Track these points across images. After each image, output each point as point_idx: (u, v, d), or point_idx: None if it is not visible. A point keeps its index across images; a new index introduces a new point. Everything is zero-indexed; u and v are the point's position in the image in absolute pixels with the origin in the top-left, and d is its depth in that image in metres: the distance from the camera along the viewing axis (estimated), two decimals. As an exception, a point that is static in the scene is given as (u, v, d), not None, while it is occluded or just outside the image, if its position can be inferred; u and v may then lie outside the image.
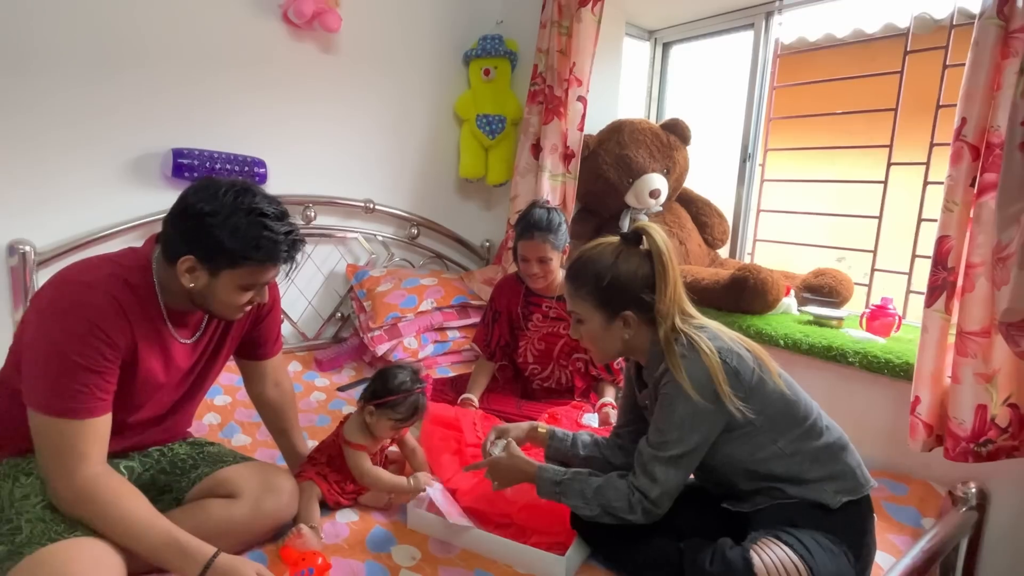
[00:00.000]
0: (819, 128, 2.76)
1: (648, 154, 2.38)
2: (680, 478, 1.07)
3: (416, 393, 1.39)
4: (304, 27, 2.27)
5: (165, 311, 1.14)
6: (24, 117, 1.85)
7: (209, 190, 1.06)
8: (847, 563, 1.00)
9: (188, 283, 1.09)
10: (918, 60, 1.96)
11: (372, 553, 1.22)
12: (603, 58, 2.44)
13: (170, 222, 1.09)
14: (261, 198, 1.09)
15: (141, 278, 1.11)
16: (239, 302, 1.13)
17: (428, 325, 2.38)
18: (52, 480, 1.03)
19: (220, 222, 1.04)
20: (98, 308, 1.03)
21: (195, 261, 1.07)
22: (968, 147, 1.36)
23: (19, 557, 0.97)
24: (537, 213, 1.77)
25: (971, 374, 1.36)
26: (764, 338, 1.85)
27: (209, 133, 2.17)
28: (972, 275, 1.36)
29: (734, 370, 1.05)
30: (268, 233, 1.07)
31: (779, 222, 2.43)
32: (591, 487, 1.11)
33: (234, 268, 1.08)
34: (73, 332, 1.01)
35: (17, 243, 1.84)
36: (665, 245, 1.11)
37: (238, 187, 1.07)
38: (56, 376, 1.01)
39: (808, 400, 1.13)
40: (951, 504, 1.39)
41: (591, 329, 1.17)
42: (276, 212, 1.10)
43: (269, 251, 1.08)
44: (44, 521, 1.02)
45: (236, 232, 1.05)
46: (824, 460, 1.08)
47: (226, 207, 1.05)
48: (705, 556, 0.99)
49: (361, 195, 2.55)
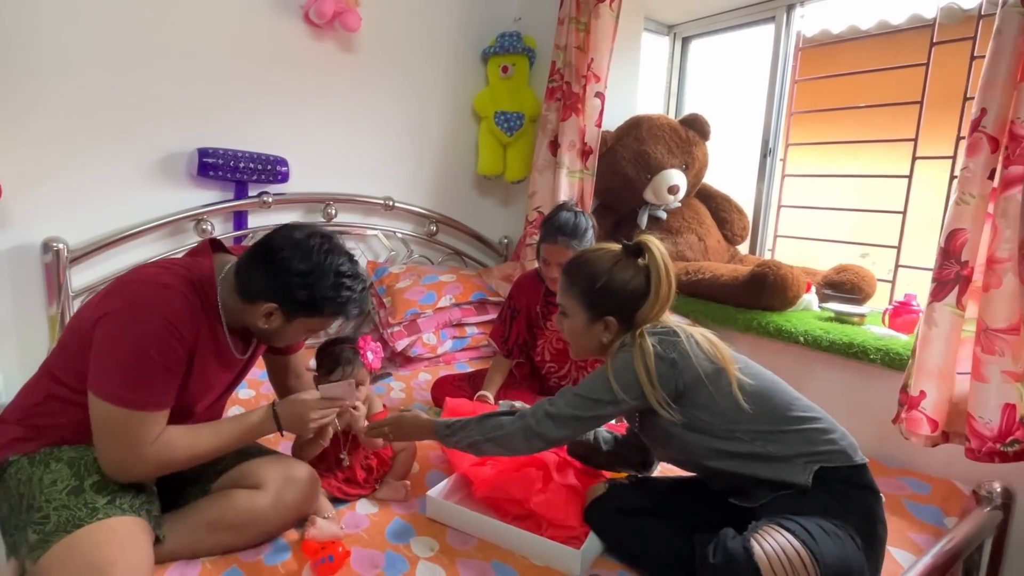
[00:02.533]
0: (842, 122, 2.71)
1: (667, 150, 2.37)
2: (558, 435, 1.17)
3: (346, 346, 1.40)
4: (325, 27, 2.31)
5: (227, 330, 1.21)
6: (56, 118, 1.91)
7: (301, 247, 1.14)
8: (854, 546, 0.99)
9: (263, 324, 1.17)
10: (945, 51, 1.92)
11: (391, 544, 1.24)
12: (621, 53, 2.43)
13: (254, 265, 1.16)
14: (344, 258, 1.18)
15: (209, 292, 1.18)
16: (302, 340, 1.24)
17: (447, 321, 2.41)
18: (117, 464, 1.09)
19: (312, 283, 1.13)
20: (176, 310, 1.10)
21: (276, 308, 1.16)
22: (987, 138, 1.33)
23: (47, 545, 1.01)
24: (563, 217, 1.73)
25: (998, 372, 1.33)
26: (784, 335, 1.83)
27: (233, 132, 2.21)
28: (998, 271, 1.33)
29: (670, 362, 1.11)
30: (348, 293, 1.17)
31: (800, 218, 2.40)
32: (479, 424, 1.23)
33: (310, 317, 1.19)
34: (153, 331, 1.07)
35: (51, 241, 1.90)
36: (662, 263, 1.17)
37: (327, 245, 1.16)
38: (132, 370, 1.06)
39: (778, 390, 1.14)
40: (975, 503, 1.37)
41: (573, 325, 1.24)
42: (354, 272, 1.19)
43: (351, 309, 1.20)
44: (68, 508, 1.05)
45: (323, 291, 1.14)
46: (791, 439, 1.09)
47: (317, 268, 1.13)
48: (709, 549, 1.00)
49: (381, 193, 2.58)
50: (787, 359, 1.86)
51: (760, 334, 1.91)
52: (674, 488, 1.30)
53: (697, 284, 2.13)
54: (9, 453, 1.14)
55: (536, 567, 1.19)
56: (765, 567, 0.92)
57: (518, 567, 1.18)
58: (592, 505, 1.26)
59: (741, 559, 0.94)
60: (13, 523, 1.09)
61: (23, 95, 1.85)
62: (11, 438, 1.14)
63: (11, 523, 1.10)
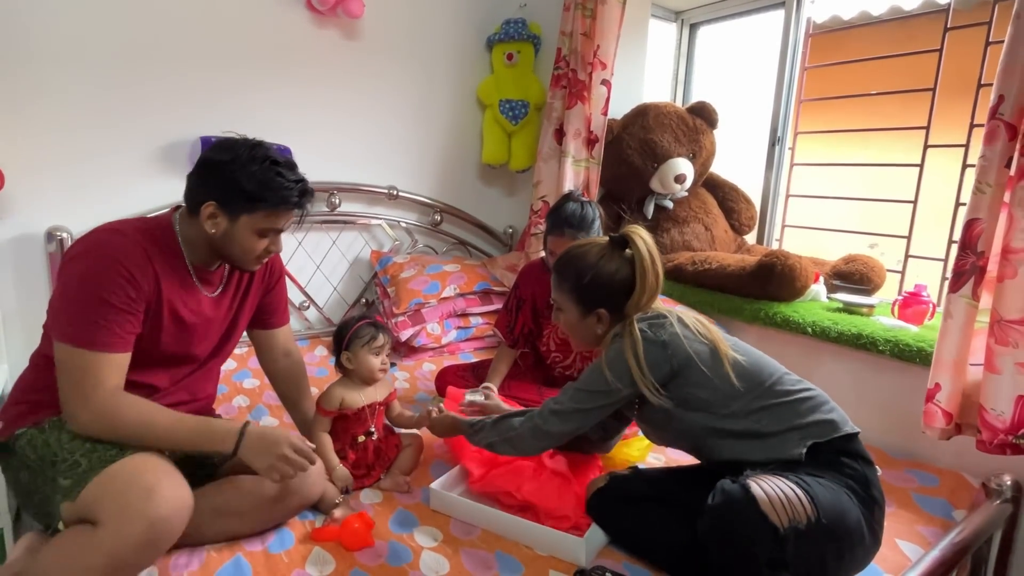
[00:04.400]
0: (852, 110, 2.67)
1: (673, 138, 2.34)
2: (566, 429, 1.20)
3: (366, 320, 1.46)
4: (327, 14, 2.28)
5: (191, 265, 1.22)
6: (59, 107, 1.91)
7: (226, 144, 1.18)
8: (849, 501, 1.00)
9: (210, 229, 1.17)
10: (959, 37, 1.88)
11: (395, 534, 1.24)
12: (628, 40, 2.40)
13: (192, 176, 1.20)
14: (273, 151, 1.19)
15: (166, 234, 1.20)
16: (257, 248, 1.22)
17: (451, 311, 2.40)
18: (70, 407, 1.09)
19: (237, 168, 1.14)
20: (124, 250, 1.11)
21: (216, 207, 1.16)
22: (1005, 126, 1.30)
23: (85, 482, 1.02)
24: (570, 208, 1.70)
25: (1011, 364, 1.31)
26: (791, 325, 1.81)
27: (235, 121, 2.17)
28: (1013, 261, 1.31)
29: (661, 344, 1.13)
30: (280, 179, 1.17)
31: (809, 207, 2.37)
32: (494, 426, 1.28)
33: (251, 212, 1.17)
34: (99, 269, 1.09)
35: (55, 230, 1.90)
36: (647, 253, 1.18)
37: (252, 141, 1.18)
38: (81, 308, 1.08)
39: (767, 365, 1.16)
40: (985, 496, 1.35)
41: (568, 319, 1.28)
42: (287, 162, 1.20)
43: (282, 195, 1.17)
44: (97, 451, 1.07)
45: (252, 177, 1.14)
46: (784, 415, 1.10)
47: (242, 156, 1.15)
48: (708, 497, 1.00)
49: (385, 182, 2.56)
50: (795, 350, 1.85)
51: (767, 325, 1.89)
52: (675, 476, 1.31)
53: (704, 274, 2.11)
54: (16, 427, 1.15)
55: (540, 557, 1.18)
56: (763, 500, 0.94)
57: (522, 557, 1.18)
58: (594, 497, 1.26)
59: (739, 495, 0.96)
60: (39, 482, 1.10)
61: (26, 84, 1.85)
62: (16, 414, 1.16)
63: (35, 483, 1.11)
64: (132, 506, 0.97)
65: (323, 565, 1.13)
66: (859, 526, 1.00)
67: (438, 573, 1.13)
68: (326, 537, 1.20)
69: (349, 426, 1.43)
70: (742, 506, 0.95)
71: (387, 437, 1.50)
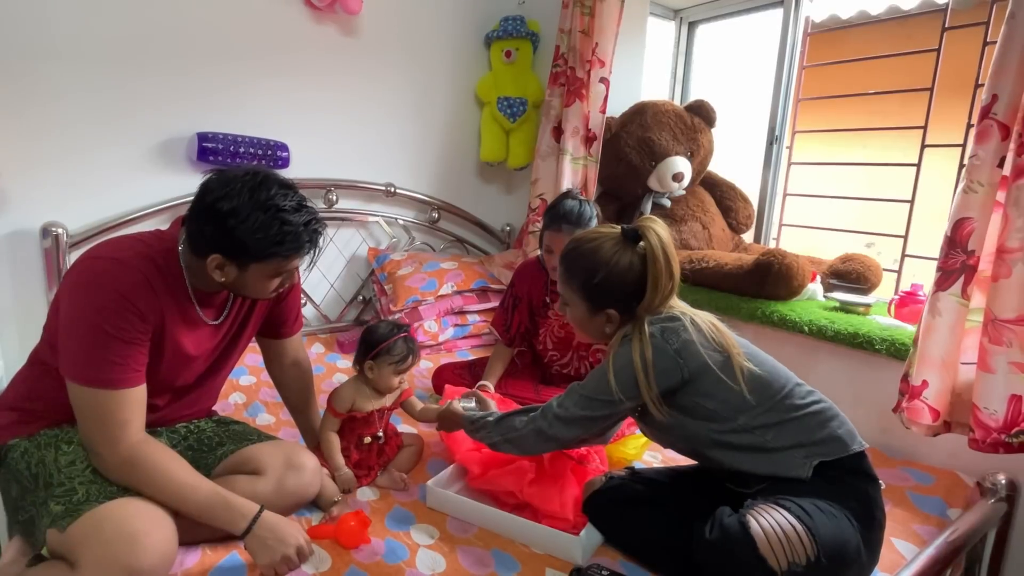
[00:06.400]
0: (850, 109, 2.67)
1: (671, 136, 2.34)
2: (570, 435, 1.18)
3: (403, 335, 1.43)
4: (325, 10, 2.27)
5: (192, 292, 1.17)
6: (56, 104, 1.89)
7: (226, 186, 1.07)
8: (850, 526, 0.98)
9: (219, 278, 1.12)
10: (957, 37, 1.88)
11: (391, 531, 1.24)
12: (626, 38, 2.39)
13: (194, 219, 1.11)
14: (276, 190, 1.09)
15: (169, 260, 1.14)
16: (269, 288, 1.19)
17: (448, 309, 2.39)
18: (96, 447, 1.07)
19: (240, 223, 1.05)
20: (129, 283, 1.07)
21: (223, 259, 1.10)
22: (998, 125, 1.30)
23: (78, 514, 1.00)
24: (568, 204, 1.70)
25: (1005, 363, 1.31)
26: (788, 324, 1.82)
27: (233, 117, 2.19)
28: (1008, 261, 1.31)
29: (674, 353, 1.09)
30: (288, 227, 1.08)
31: (806, 207, 2.37)
32: (496, 425, 1.26)
33: (261, 262, 1.11)
34: (106, 305, 1.05)
35: (50, 225, 1.89)
36: (661, 252, 1.12)
37: (252, 182, 1.07)
38: (91, 348, 1.04)
39: (779, 376, 1.12)
40: (979, 495, 1.36)
41: (575, 315, 1.24)
42: (293, 204, 1.10)
43: (292, 245, 1.11)
44: (97, 483, 1.06)
45: (257, 232, 1.06)
46: (792, 432, 1.07)
47: (244, 206, 1.05)
48: (706, 527, 0.99)
49: (382, 179, 2.56)
50: (791, 349, 1.85)
51: (764, 323, 1.90)
52: (672, 478, 1.30)
53: (701, 273, 2.11)
54: (8, 437, 1.14)
55: (536, 555, 1.19)
56: (761, 541, 0.91)
57: (518, 555, 1.18)
58: (591, 498, 1.26)
59: (737, 533, 0.93)
60: (29, 500, 1.08)
61: (22, 79, 1.83)
62: (8, 422, 1.15)
63: (26, 500, 1.09)
64: (114, 558, 0.95)
65: (319, 563, 1.13)
66: (858, 554, 0.98)
67: (434, 571, 1.13)
68: (322, 535, 1.20)
69: (356, 427, 1.43)
70: (740, 547, 0.92)
71: (390, 438, 1.50)
